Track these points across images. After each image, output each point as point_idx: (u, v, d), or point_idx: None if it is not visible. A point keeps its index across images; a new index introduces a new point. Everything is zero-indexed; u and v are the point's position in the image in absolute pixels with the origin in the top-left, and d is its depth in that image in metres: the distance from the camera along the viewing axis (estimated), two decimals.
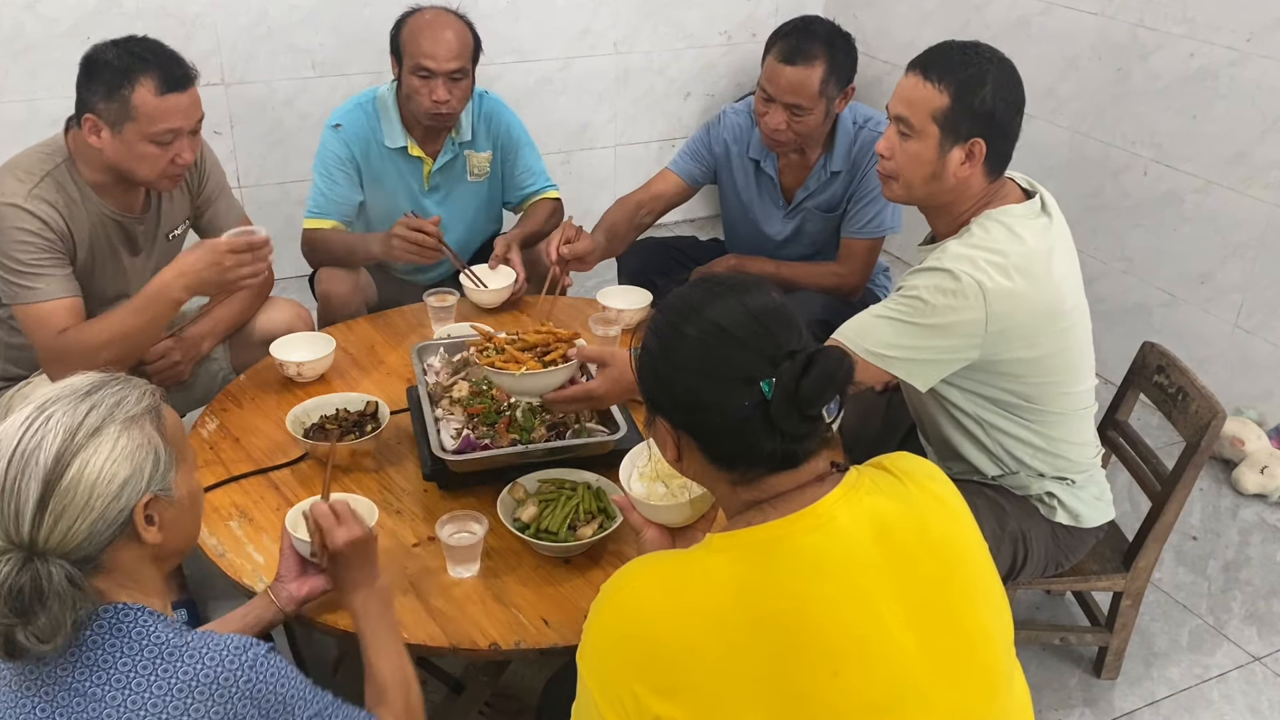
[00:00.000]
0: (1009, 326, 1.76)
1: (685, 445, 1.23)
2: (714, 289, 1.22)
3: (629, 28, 4.23)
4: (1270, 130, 2.99)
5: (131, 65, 2.01)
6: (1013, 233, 1.78)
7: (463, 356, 2.13)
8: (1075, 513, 1.99)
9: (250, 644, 1.16)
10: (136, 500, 1.13)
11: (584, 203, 4.48)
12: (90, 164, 2.13)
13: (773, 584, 1.11)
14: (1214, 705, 2.32)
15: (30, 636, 1.07)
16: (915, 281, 1.79)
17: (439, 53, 2.52)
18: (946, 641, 1.14)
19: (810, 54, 2.39)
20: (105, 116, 2.03)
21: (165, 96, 2.03)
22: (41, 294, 2.07)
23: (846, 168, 2.60)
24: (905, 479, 1.23)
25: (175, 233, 2.38)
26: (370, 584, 1.49)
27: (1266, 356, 3.13)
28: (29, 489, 1.08)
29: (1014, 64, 1.84)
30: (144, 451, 1.14)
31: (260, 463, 1.96)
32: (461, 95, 2.60)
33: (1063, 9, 3.49)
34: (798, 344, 1.17)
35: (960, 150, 1.79)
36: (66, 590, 1.08)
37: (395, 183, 2.75)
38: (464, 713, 1.92)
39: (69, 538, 1.10)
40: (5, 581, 1.07)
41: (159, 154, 2.07)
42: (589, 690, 1.14)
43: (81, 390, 1.14)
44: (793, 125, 2.47)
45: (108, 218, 2.19)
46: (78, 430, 1.11)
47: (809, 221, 2.70)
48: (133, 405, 1.15)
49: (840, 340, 1.81)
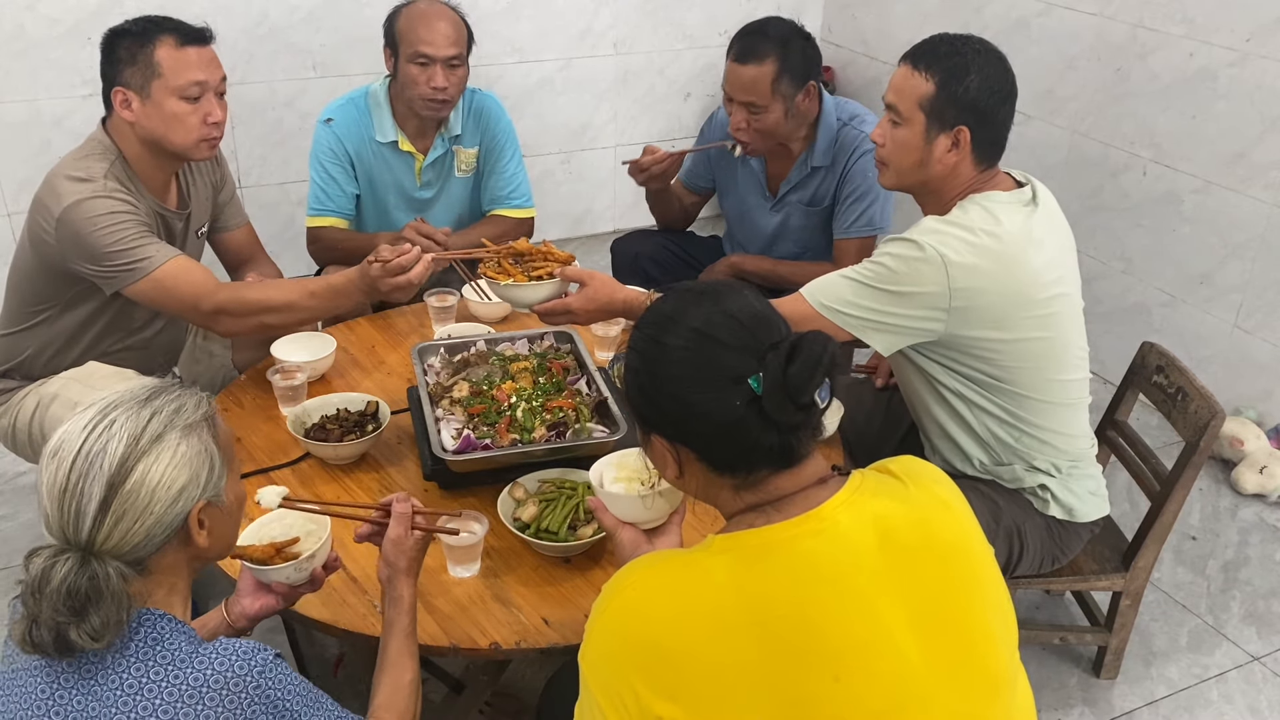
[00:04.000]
0: (974, 304, 1.80)
1: (685, 458, 1.22)
2: (689, 298, 1.23)
3: (629, 28, 4.23)
4: (1269, 130, 2.99)
5: (149, 28, 2.08)
6: (991, 215, 1.82)
7: (463, 357, 2.13)
8: (1069, 506, 2.00)
9: (258, 649, 1.17)
10: (192, 506, 1.17)
11: (584, 203, 4.49)
12: (134, 155, 2.15)
13: (774, 587, 1.12)
14: (1213, 705, 2.33)
15: (84, 635, 1.10)
16: (884, 248, 1.86)
17: (437, 40, 2.56)
18: (949, 645, 1.14)
19: (761, 53, 2.47)
20: (133, 83, 2.07)
21: (186, 49, 2.08)
22: (158, 259, 2.08)
23: (827, 164, 2.64)
24: (909, 482, 1.22)
25: (203, 230, 2.39)
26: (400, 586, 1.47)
27: (1266, 356, 3.13)
28: (92, 490, 1.12)
29: (1003, 55, 1.89)
30: (201, 459, 1.19)
31: (261, 462, 1.96)
32: (458, 84, 2.63)
33: (1062, 9, 3.50)
34: (779, 336, 1.17)
35: (946, 138, 1.85)
36: (120, 590, 1.12)
37: (386, 178, 2.76)
38: (464, 713, 1.92)
39: (126, 539, 1.14)
40: (65, 581, 1.10)
41: (190, 110, 2.09)
42: (591, 690, 1.14)
43: (141, 397, 1.18)
44: (752, 124, 2.54)
45: (156, 213, 2.21)
46: (141, 435, 1.15)
47: (793, 215, 2.74)
48: (191, 412, 1.20)
49: (803, 294, 1.89)
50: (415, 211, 2.82)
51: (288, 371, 2.11)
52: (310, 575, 1.53)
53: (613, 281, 2.04)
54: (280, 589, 1.52)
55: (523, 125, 3.70)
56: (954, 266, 1.78)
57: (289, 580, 1.51)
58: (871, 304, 1.84)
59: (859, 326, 1.86)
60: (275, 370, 2.11)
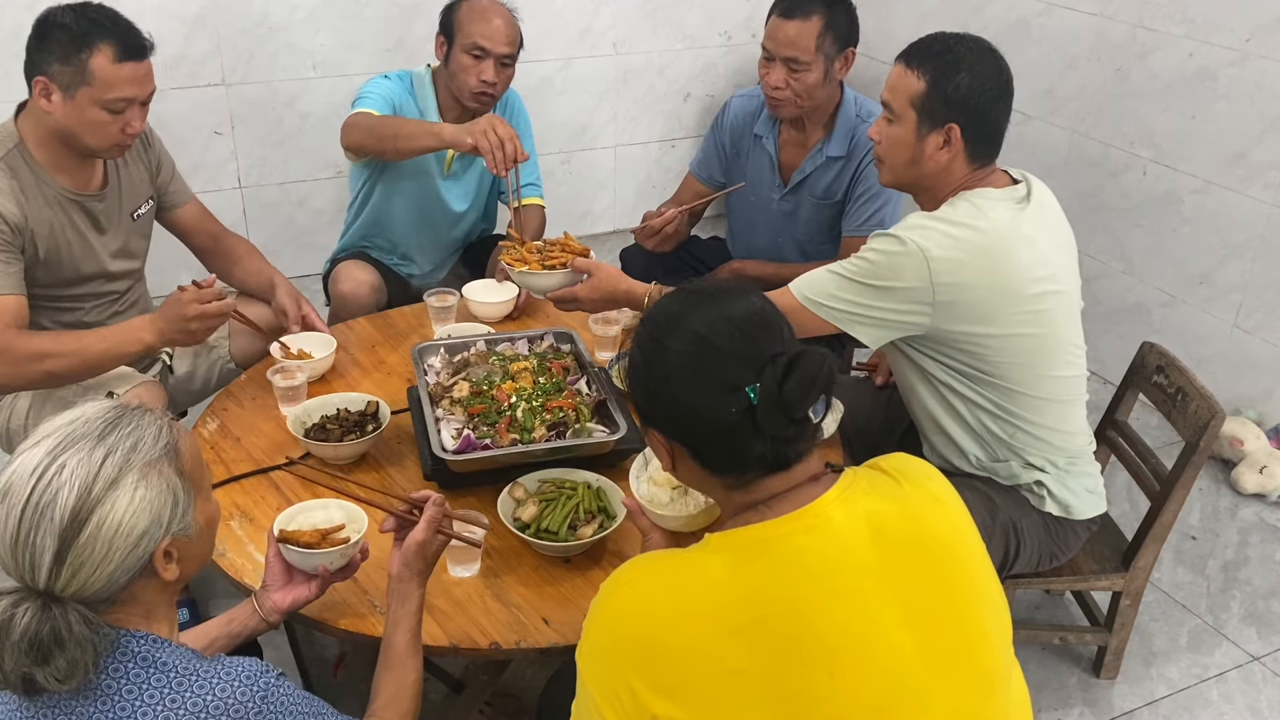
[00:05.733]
0: (959, 299, 1.81)
1: (679, 454, 1.24)
2: (693, 299, 1.23)
3: (629, 28, 4.23)
4: (1269, 130, 2.99)
5: (90, 30, 2.01)
6: (979, 210, 1.83)
7: (463, 357, 2.13)
8: (1065, 503, 2.00)
9: (262, 670, 1.14)
10: (155, 546, 1.12)
11: (584, 203, 4.49)
12: (40, 141, 2.11)
13: (768, 585, 1.12)
14: (1213, 705, 2.33)
15: (50, 678, 1.05)
16: (869, 244, 1.87)
17: (496, 36, 2.63)
18: (943, 641, 1.14)
19: (808, 8, 2.51)
20: (59, 80, 2.02)
21: (122, 64, 2.02)
22: None
23: (844, 155, 2.65)
24: (902, 479, 1.23)
25: (140, 211, 2.36)
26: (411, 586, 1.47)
27: (1265, 356, 3.13)
28: (44, 543, 1.06)
29: (997, 52, 1.89)
30: (163, 498, 1.11)
31: (261, 462, 1.96)
32: (505, 82, 2.71)
33: (1062, 9, 3.50)
34: (780, 347, 1.17)
35: (937, 135, 1.87)
36: (85, 634, 1.06)
37: (415, 162, 2.75)
38: (464, 713, 1.92)
39: (87, 585, 1.08)
40: (26, 632, 1.04)
41: (109, 121, 2.06)
42: (588, 689, 1.14)
43: (95, 432, 1.10)
44: (791, 83, 2.54)
45: (66, 198, 2.17)
46: (94, 483, 1.07)
47: (803, 207, 2.74)
48: (150, 447, 1.12)
49: (790, 288, 1.91)
50: (432, 198, 2.81)
51: (288, 371, 2.11)
52: (349, 561, 1.56)
53: (618, 273, 2.11)
54: (321, 575, 1.53)
55: None
56: (935, 261, 1.79)
57: (333, 565, 1.53)
58: (854, 297, 1.86)
59: (843, 319, 1.88)
60: (275, 370, 2.11)
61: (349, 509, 1.66)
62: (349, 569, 1.58)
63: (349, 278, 2.70)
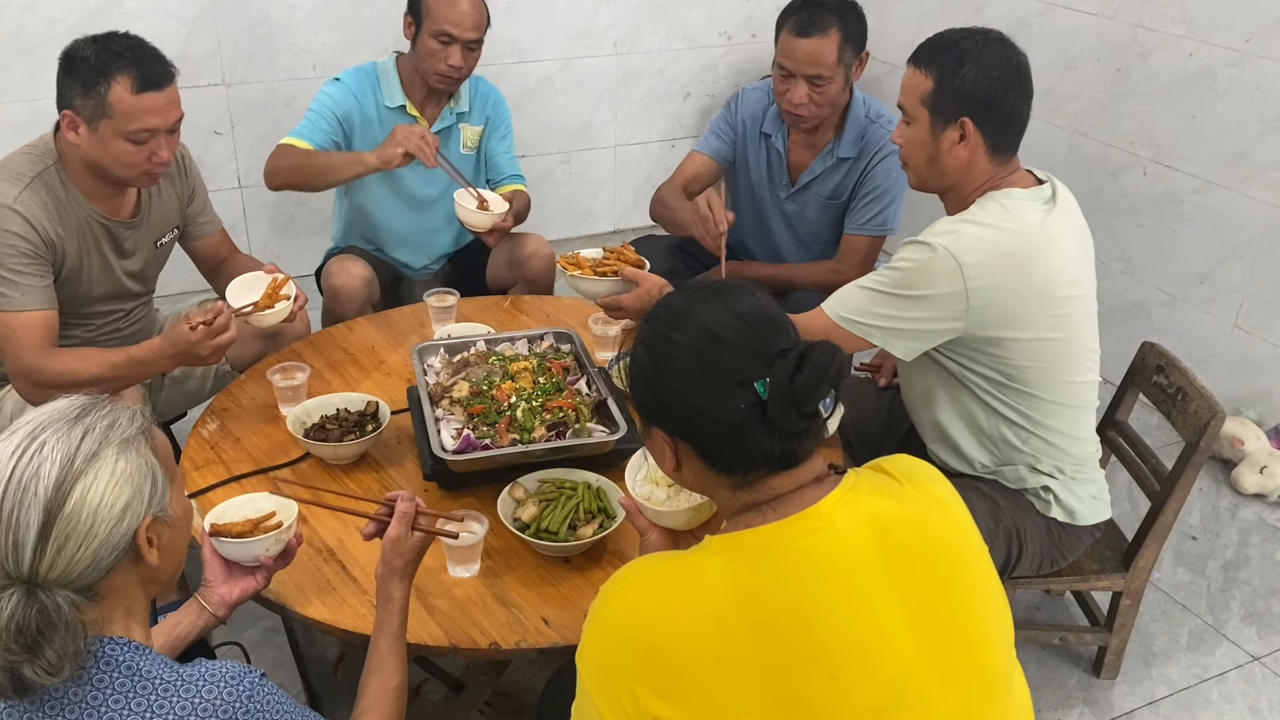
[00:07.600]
0: (992, 303, 1.79)
1: (683, 453, 1.22)
2: (700, 295, 1.22)
3: (629, 28, 4.23)
4: (1269, 130, 2.99)
5: (108, 62, 2.00)
6: (1008, 211, 1.82)
7: (463, 357, 2.13)
8: (1070, 509, 1.99)
9: (245, 672, 1.14)
10: (138, 523, 1.12)
11: (584, 203, 4.49)
12: (75, 166, 2.12)
13: (771, 586, 1.11)
14: (1213, 705, 2.33)
15: (39, 671, 1.04)
16: (899, 253, 1.85)
17: (464, 21, 2.66)
18: (945, 643, 1.14)
19: (824, 24, 2.49)
20: (82, 113, 2.03)
21: (141, 95, 2.02)
22: (17, 303, 2.06)
23: (853, 156, 2.65)
24: (904, 480, 1.22)
25: (163, 240, 2.37)
26: (393, 588, 1.47)
27: (1266, 356, 3.13)
28: (29, 519, 1.05)
29: (1006, 40, 1.89)
30: (143, 473, 1.12)
31: (260, 462, 1.96)
32: (471, 65, 2.75)
33: (1062, 9, 3.50)
34: (788, 342, 1.17)
35: (952, 130, 1.85)
36: (73, 620, 1.06)
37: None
38: (464, 713, 1.92)
39: (72, 566, 1.07)
40: (14, 619, 1.03)
41: (134, 151, 2.06)
42: (588, 691, 1.14)
43: (71, 415, 1.12)
44: (814, 98, 2.54)
45: (96, 221, 2.18)
46: (75, 455, 1.08)
47: (809, 207, 2.74)
48: (126, 427, 1.13)
49: (823, 308, 1.90)
50: (418, 175, 2.83)
51: (288, 371, 2.11)
52: (286, 547, 1.56)
53: (663, 283, 2.15)
54: (263, 564, 1.53)
55: (522, 125, 3.72)
56: (969, 267, 1.77)
57: (269, 552, 1.53)
58: (889, 310, 1.83)
59: (879, 335, 1.86)
60: (275, 370, 2.11)
61: (277, 500, 1.63)
62: (287, 556, 1.58)
63: (340, 270, 2.72)
